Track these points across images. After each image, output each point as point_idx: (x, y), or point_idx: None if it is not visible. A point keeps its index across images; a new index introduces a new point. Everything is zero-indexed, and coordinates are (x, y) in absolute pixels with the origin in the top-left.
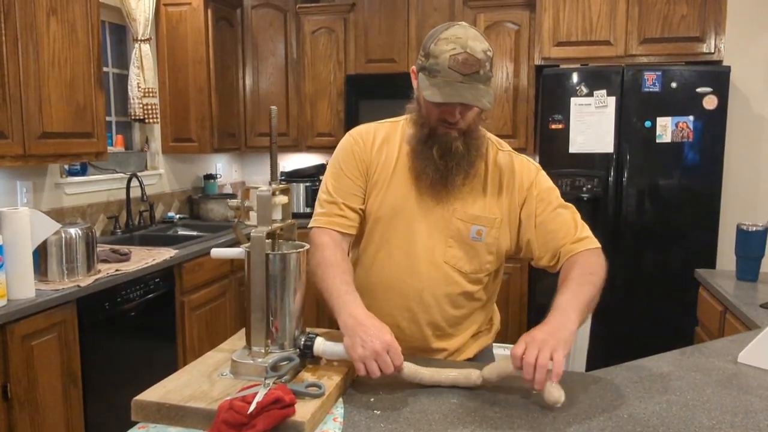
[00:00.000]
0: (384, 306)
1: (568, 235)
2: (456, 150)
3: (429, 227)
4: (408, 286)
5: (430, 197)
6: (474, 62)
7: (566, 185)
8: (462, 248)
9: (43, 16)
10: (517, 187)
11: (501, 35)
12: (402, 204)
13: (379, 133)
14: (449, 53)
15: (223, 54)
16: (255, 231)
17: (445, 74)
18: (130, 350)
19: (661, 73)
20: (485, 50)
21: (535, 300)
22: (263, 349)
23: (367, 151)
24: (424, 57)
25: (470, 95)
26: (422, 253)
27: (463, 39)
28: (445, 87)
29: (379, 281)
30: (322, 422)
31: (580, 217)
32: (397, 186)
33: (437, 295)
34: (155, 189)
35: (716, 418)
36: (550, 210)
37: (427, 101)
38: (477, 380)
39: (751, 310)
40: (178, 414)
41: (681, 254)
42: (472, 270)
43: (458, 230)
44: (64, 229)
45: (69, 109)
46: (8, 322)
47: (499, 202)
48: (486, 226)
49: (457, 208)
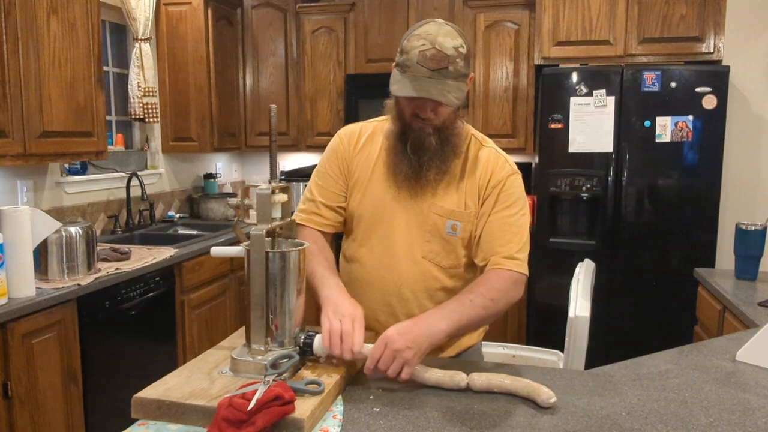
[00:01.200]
0: (364, 301)
1: (505, 248)
2: (429, 145)
3: (407, 222)
4: (387, 281)
5: (407, 192)
6: (442, 58)
7: (565, 185)
8: (439, 243)
9: (43, 16)
10: (486, 183)
11: (501, 35)
12: (381, 200)
13: (365, 131)
14: (418, 49)
15: (223, 53)
16: (254, 229)
17: (413, 70)
18: (130, 349)
19: (661, 73)
20: (457, 46)
21: (534, 301)
22: (263, 346)
23: (350, 151)
24: (399, 53)
25: (435, 90)
26: (401, 249)
27: (433, 35)
28: (412, 82)
29: (361, 277)
30: (321, 419)
31: (528, 240)
32: (376, 183)
33: (416, 290)
34: (155, 188)
35: (714, 415)
36: (505, 215)
37: (399, 97)
38: (461, 383)
39: (749, 308)
40: (178, 411)
41: (680, 253)
42: (450, 265)
43: (435, 225)
44: (65, 228)
45: (69, 108)
46: (9, 320)
47: (473, 197)
48: (461, 220)
49: (434, 202)
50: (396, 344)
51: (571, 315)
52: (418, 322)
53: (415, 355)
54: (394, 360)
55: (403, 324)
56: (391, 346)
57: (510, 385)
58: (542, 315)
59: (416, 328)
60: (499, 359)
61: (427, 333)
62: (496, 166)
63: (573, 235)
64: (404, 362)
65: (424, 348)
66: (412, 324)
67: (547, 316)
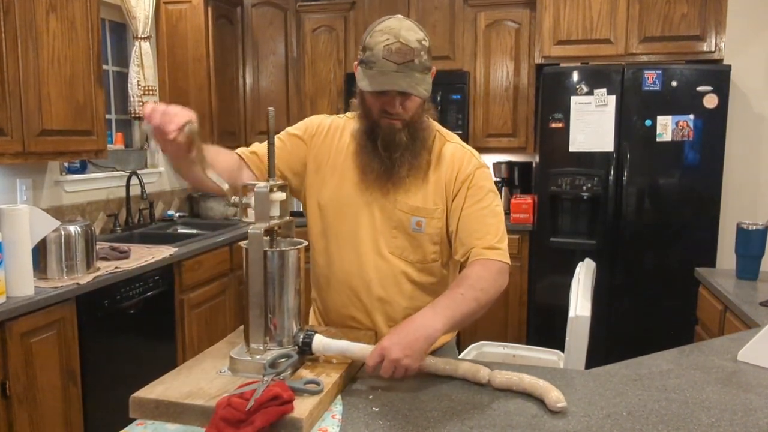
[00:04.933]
0: (337, 298)
1: (484, 239)
2: (400, 141)
3: (374, 219)
4: (356, 278)
5: (376, 190)
6: (407, 51)
7: (566, 184)
8: (406, 239)
9: (42, 14)
10: (454, 178)
11: (501, 34)
12: (348, 197)
13: (335, 125)
14: (383, 44)
15: (223, 52)
16: (253, 228)
17: (380, 65)
18: (129, 348)
19: (662, 72)
20: (420, 40)
21: (534, 299)
22: (262, 346)
23: (319, 138)
24: (362, 51)
25: (405, 83)
26: (368, 246)
27: (396, 29)
28: (380, 76)
29: (331, 275)
30: (320, 419)
31: (505, 229)
32: (347, 180)
33: (385, 285)
34: (155, 187)
35: (715, 416)
36: (478, 208)
37: (367, 94)
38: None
39: (751, 308)
40: (176, 411)
41: (681, 253)
42: (417, 259)
43: (400, 221)
44: (64, 226)
45: (69, 107)
46: (7, 319)
47: (439, 193)
48: (425, 217)
49: (399, 199)
50: (393, 354)
51: (571, 314)
52: (412, 326)
53: (415, 360)
54: (395, 369)
55: (398, 331)
56: (389, 357)
57: (528, 384)
58: (542, 314)
59: (411, 333)
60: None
61: (423, 335)
62: (462, 162)
63: (573, 234)
64: (405, 369)
65: (422, 351)
66: (406, 328)
67: (548, 316)
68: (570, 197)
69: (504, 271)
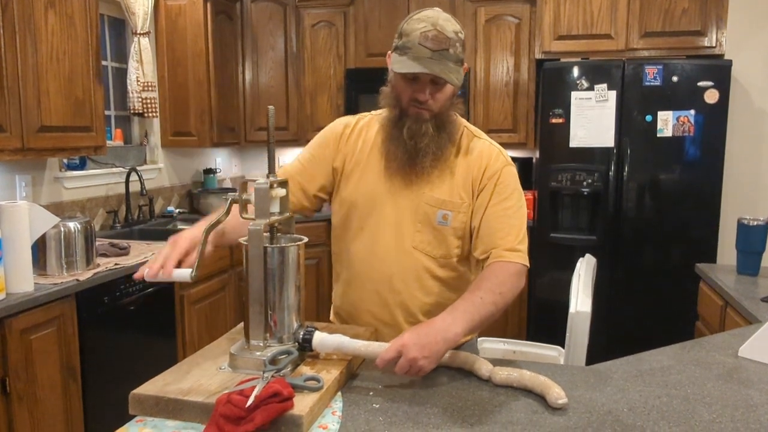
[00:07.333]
0: (356, 291)
1: (505, 240)
2: (426, 131)
3: (399, 212)
4: (377, 271)
5: (401, 181)
6: (443, 39)
7: (566, 180)
8: (431, 233)
9: (41, 9)
10: (481, 174)
11: (501, 29)
12: (374, 189)
13: (361, 120)
14: (420, 30)
15: (223, 48)
16: (253, 224)
17: (415, 50)
18: (129, 344)
19: (662, 67)
20: (456, 31)
21: (535, 296)
22: (262, 342)
23: (344, 140)
24: (398, 37)
25: (438, 68)
26: (391, 239)
27: (434, 18)
28: (414, 60)
29: (353, 267)
30: (320, 416)
31: (526, 231)
32: (370, 172)
33: (406, 280)
34: (154, 183)
35: (716, 412)
36: (502, 208)
37: (398, 80)
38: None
39: (751, 304)
40: (176, 407)
41: (681, 248)
42: (441, 255)
43: (426, 214)
44: (63, 223)
45: (67, 103)
46: (7, 316)
47: (466, 188)
48: (452, 210)
49: (425, 192)
50: (411, 353)
51: (572, 310)
52: (433, 328)
53: (431, 362)
54: (409, 368)
55: (418, 331)
56: (407, 355)
57: (529, 380)
58: (543, 310)
59: (431, 335)
60: (500, 355)
61: (443, 339)
62: (491, 158)
63: (574, 230)
64: (419, 370)
65: (440, 354)
66: (427, 330)
67: (548, 312)
68: (570, 193)
69: (522, 273)
